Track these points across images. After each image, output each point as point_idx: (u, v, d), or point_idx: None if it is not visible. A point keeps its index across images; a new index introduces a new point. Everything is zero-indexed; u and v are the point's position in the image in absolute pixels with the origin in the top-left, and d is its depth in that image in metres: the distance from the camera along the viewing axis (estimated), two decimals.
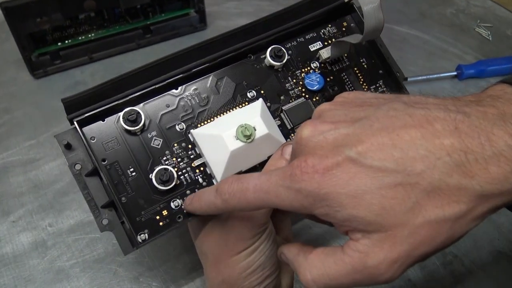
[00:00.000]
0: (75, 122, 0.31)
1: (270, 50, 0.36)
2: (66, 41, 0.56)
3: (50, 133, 0.51)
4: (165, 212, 0.31)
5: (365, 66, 0.39)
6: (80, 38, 0.56)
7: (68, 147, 0.32)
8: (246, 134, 0.31)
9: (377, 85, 0.39)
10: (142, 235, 0.31)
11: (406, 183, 0.20)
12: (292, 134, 0.36)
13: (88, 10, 0.54)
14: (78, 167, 0.31)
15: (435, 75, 0.60)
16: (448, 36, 0.68)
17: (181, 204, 0.32)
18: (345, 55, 0.38)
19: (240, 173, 0.33)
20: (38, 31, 0.53)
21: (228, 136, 0.31)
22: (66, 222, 0.45)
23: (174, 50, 0.59)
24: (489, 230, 0.47)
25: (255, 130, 0.32)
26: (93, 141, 0.32)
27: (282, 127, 0.35)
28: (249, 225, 0.30)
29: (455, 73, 0.61)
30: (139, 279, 0.41)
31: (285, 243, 0.36)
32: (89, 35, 0.57)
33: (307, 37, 0.38)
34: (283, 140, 0.34)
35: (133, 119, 0.32)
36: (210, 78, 0.35)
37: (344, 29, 0.39)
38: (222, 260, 0.31)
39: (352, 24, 0.39)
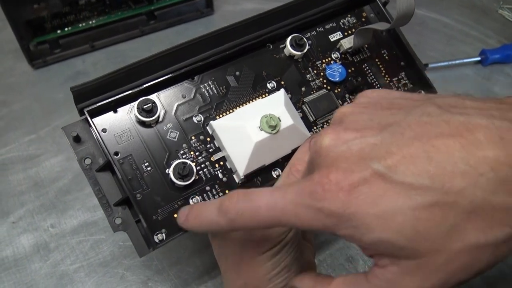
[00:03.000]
0: (85, 112, 0.29)
1: (291, 39, 0.34)
2: (66, 29, 0.53)
3: (51, 127, 0.48)
4: None
5: (387, 57, 0.37)
6: (80, 25, 0.53)
7: (77, 140, 0.29)
8: (271, 124, 0.29)
9: (399, 77, 0.37)
10: (159, 235, 0.28)
11: (443, 203, 0.17)
12: (315, 127, 0.33)
13: None
14: (88, 161, 0.29)
15: (457, 61, 0.57)
16: (469, 19, 0.64)
17: (200, 201, 0.30)
18: (366, 46, 0.36)
19: (262, 167, 0.31)
20: (36, 18, 0.50)
21: (252, 126, 0.29)
22: (69, 223, 0.42)
23: (179, 37, 0.57)
24: None
25: (280, 120, 0.30)
26: (104, 134, 0.29)
27: (304, 119, 0.33)
28: None
29: (478, 58, 0.57)
30: (148, 284, 0.39)
31: (306, 244, 0.33)
32: (90, 22, 0.54)
33: (326, 27, 0.36)
34: (307, 132, 0.32)
35: (148, 109, 0.29)
36: (228, 68, 0.33)
37: (363, 19, 0.38)
38: (244, 261, 0.29)
39: (371, 15, 0.38)
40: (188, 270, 0.40)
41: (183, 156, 0.30)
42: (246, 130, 0.29)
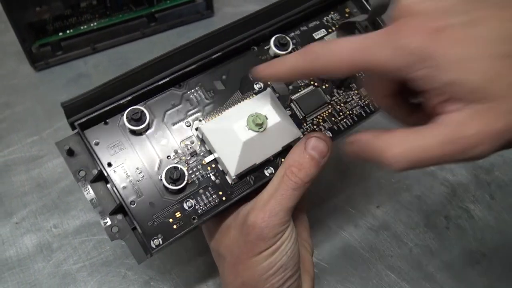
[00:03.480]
0: (77, 126, 0.29)
1: (274, 40, 0.34)
2: (68, 31, 0.53)
3: (53, 128, 0.48)
4: (178, 214, 0.29)
5: None
6: (82, 27, 0.54)
7: (70, 153, 0.29)
8: (257, 122, 0.30)
9: None
10: (155, 240, 0.29)
11: None
12: (305, 124, 0.34)
13: None
14: (82, 173, 0.29)
15: None
16: None
17: (195, 205, 0.30)
18: None
19: (254, 166, 0.31)
20: (38, 20, 0.50)
21: (239, 127, 0.30)
22: (71, 223, 0.43)
23: (180, 38, 0.57)
24: None
25: (266, 118, 0.30)
26: (96, 146, 0.30)
27: (293, 117, 0.33)
28: (272, 223, 0.28)
29: None
30: (150, 283, 0.39)
31: (303, 243, 0.34)
32: (92, 25, 0.54)
33: (310, 25, 0.37)
34: (296, 129, 0.32)
35: (137, 118, 0.30)
36: (214, 72, 0.33)
37: (347, 15, 0.38)
38: (241, 261, 0.29)
39: (354, 10, 0.38)
40: (190, 269, 0.40)
41: (175, 161, 0.31)
42: (234, 131, 0.30)
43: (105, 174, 0.29)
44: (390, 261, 0.42)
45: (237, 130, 0.30)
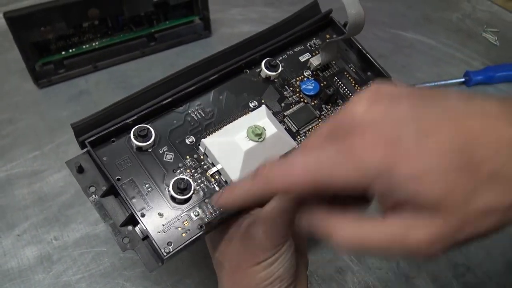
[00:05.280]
0: (87, 144, 0.31)
1: (265, 62, 0.38)
2: (70, 50, 0.55)
3: (54, 144, 0.50)
4: (186, 223, 0.31)
5: (353, 70, 0.41)
6: (84, 46, 0.56)
7: (80, 171, 0.32)
8: (257, 132, 0.32)
9: (369, 84, 0.41)
10: (166, 248, 0.30)
11: (470, 166, 0.20)
12: (298, 136, 0.37)
13: (92, 18, 0.54)
14: (92, 189, 0.31)
15: (443, 82, 0.60)
16: (454, 42, 0.67)
17: (201, 214, 0.32)
18: (334, 62, 0.41)
19: None
20: (42, 40, 0.52)
21: (240, 138, 0.32)
22: (71, 236, 0.44)
23: (179, 57, 0.59)
24: (502, 240, 0.46)
25: (265, 130, 0.33)
26: (106, 162, 0.32)
27: (288, 131, 0.36)
28: (270, 235, 0.29)
29: (463, 79, 0.60)
30: None
31: (300, 257, 0.35)
32: (93, 44, 0.56)
33: (295, 50, 0.41)
34: (292, 140, 0.35)
35: (143, 134, 0.32)
36: (212, 93, 0.36)
37: (327, 40, 0.41)
38: (240, 270, 0.31)
39: (334, 36, 0.42)
40: (186, 281, 0.42)
41: (180, 174, 0.33)
42: (235, 142, 0.32)
43: (116, 188, 0.31)
44: (378, 274, 0.43)
45: (238, 141, 0.32)
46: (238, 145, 0.32)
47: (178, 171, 0.33)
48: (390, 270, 0.44)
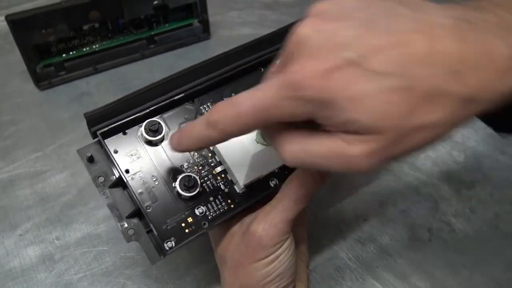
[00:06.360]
0: (98, 134, 0.32)
1: None
2: (71, 52, 0.56)
3: (56, 145, 0.51)
4: (190, 219, 0.32)
5: None
6: (84, 49, 0.56)
7: (90, 160, 0.32)
8: None
9: None
10: (168, 243, 0.31)
11: (405, 87, 0.20)
12: None
13: (92, 21, 0.54)
14: (101, 179, 0.32)
15: None
16: None
17: (205, 211, 0.32)
18: None
19: (260, 177, 0.33)
20: (43, 42, 0.53)
21: (249, 140, 0.32)
22: (73, 235, 0.45)
23: (178, 60, 0.60)
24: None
25: None
26: (115, 154, 0.32)
27: None
28: (272, 233, 0.30)
29: None
30: None
31: (300, 255, 0.36)
32: (94, 46, 0.57)
33: None
34: None
35: (155, 129, 0.33)
36: (225, 90, 0.36)
37: None
38: (242, 266, 0.31)
39: None
40: (187, 279, 0.42)
41: (188, 171, 0.33)
42: (243, 144, 0.32)
43: (124, 180, 0.31)
44: (376, 272, 0.44)
45: (247, 143, 0.32)
46: (247, 148, 0.32)
47: (186, 167, 0.33)
48: (388, 268, 0.44)
